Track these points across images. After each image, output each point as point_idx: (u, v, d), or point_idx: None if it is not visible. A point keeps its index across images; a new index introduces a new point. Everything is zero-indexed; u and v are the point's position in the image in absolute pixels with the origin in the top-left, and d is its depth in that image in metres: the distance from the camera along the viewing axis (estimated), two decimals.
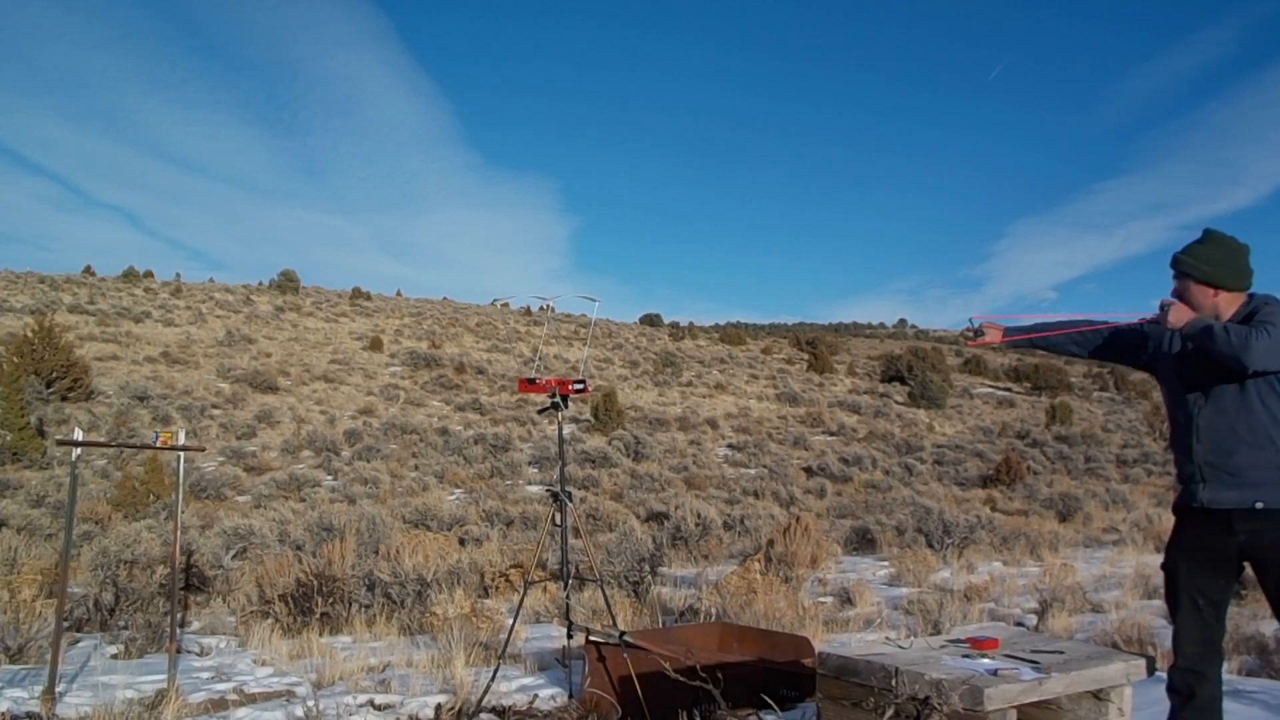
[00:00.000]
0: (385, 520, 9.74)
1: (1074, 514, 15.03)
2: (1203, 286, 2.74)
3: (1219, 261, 2.73)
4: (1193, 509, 2.79)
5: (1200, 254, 2.76)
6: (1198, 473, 2.75)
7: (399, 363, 36.45)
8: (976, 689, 2.60)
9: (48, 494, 15.25)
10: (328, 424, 24.61)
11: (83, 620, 6.68)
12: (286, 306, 49.48)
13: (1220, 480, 2.70)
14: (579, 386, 4.63)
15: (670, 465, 21.20)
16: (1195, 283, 2.75)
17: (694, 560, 10.50)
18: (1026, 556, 9.97)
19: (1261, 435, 2.65)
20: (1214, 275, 2.72)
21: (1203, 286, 2.74)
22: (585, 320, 57.26)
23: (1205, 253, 2.75)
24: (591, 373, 37.41)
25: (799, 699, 4.03)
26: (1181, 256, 2.79)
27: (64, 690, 4.55)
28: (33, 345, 22.95)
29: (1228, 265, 2.73)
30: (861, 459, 22.84)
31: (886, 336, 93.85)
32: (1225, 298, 2.73)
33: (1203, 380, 2.74)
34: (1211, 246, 2.76)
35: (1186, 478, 2.80)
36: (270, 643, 5.93)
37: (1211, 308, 2.74)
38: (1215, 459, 2.71)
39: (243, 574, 8.63)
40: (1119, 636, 5.43)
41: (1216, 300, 2.73)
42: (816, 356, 47.68)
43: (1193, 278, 2.75)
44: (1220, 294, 2.73)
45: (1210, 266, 2.73)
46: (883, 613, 6.86)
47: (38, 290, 44.43)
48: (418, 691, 4.59)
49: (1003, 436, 28.90)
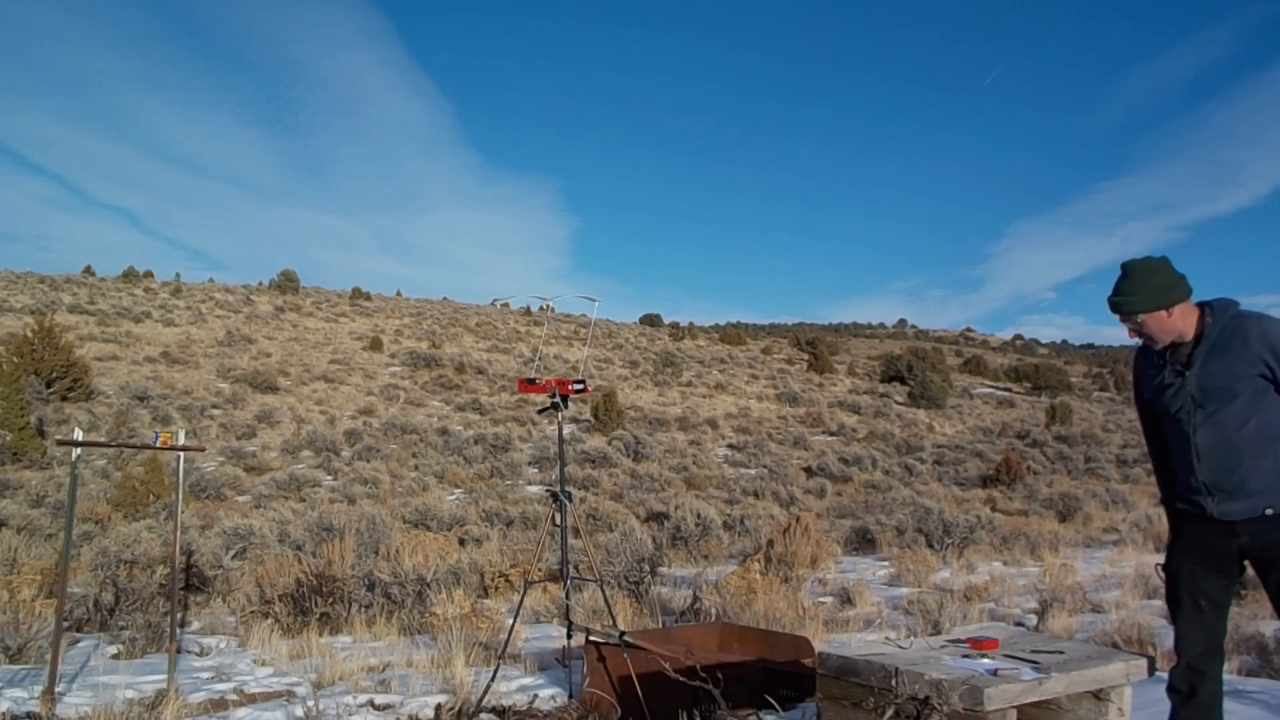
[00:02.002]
0: (385, 520, 9.73)
1: (1074, 514, 15.03)
2: (1156, 314, 2.77)
3: (1155, 285, 2.75)
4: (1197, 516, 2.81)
5: (1135, 287, 2.78)
6: (1204, 488, 2.77)
7: (399, 363, 36.45)
8: (976, 689, 2.60)
9: (48, 494, 15.25)
10: (328, 424, 24.61)
11: (83, 620, 6.68)
12: (286, 306, 49.47)
13: (1228, 494, 2.74)
14: (579, 387, 4.63)
15: (670, 465, 21.20)
16: (1148, 314, 2.79)
17: (694, 560, 10.50)
18: (1026, 556, 9.96)
19: (1262, 445, 2.69)
20: (1159, 299, 2.75)
21: (1156, 314, 2.77)
22: (585, 320, 57.26)
23: (1139, 284, 2.78)
24: (591, 373, 37.41)
25: (799, 699, 4.03)
26: (1121, 300, 2.82)
27: (64, 690, 4.55)
28: (33, 345, 22.96)
29: (1163, 284, 2.75)
30: (861, 459, 22.84)
31: (886, 336, 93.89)
32: (1178, 312, 2.77)
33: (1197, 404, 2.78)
34: (1141, 276, 2.78)
35: (1191, 491, 2.81)
36: (270, 643, 5.93)
37: (1171, 328, 2.77)
38: (1219, 477, 2.74)
39: (243, 574, 8.62)
40: (1119, 636, 5.43)
41: (1173, 319, 2.76)
42: (816, 356, 47.68)
43: (1142, 311, 2.79)
44: (1173, 312, 2.77)
45: (1151, 293, 2.76)
46: (883, 613, 6.86)
47: (38, 290, 44.43)
48: (418, 691, 4.59)
49: (1003, 436, 28.91)
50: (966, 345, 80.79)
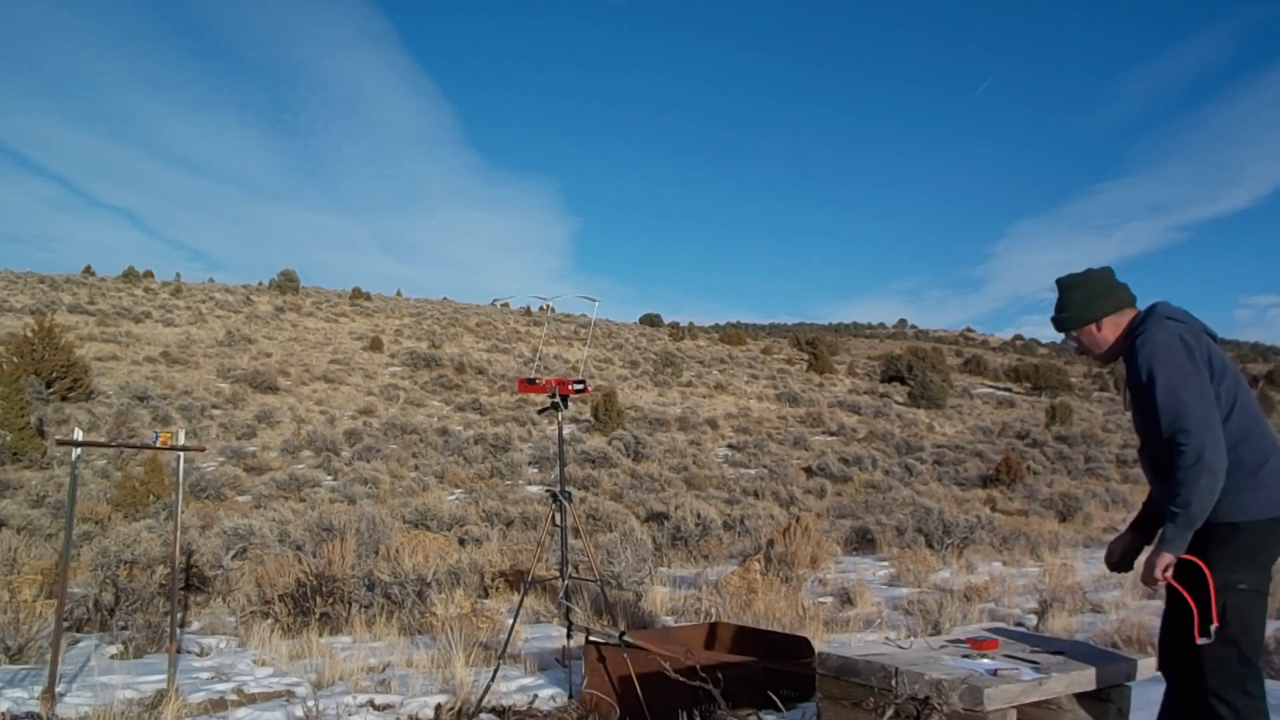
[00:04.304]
0: (385, 520, 9.73)
1: (1074, 514, 15.03)
2: (1085, 329, 2.84)
3: (1081, 300, 2.83)
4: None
5: (1064, 304, 2.87)
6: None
7: (399, 363, 36.45)
8: (976, 689, 2.60)
9: (48, 494, 15.24)
10: (328, 424, 24.60)
11: (83, 620, 6.67)
12: (286, 306, 49.47)
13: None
14: (579, 387, 4.63)
15: (670, 465, 21.19)
16: (1078, 329, 2.86)
17: (694, 560, 10.50)
18: (1026, 556, 9.96)
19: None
20: (1084, 313, 2.83)
21: (1085, 329, 2.84)
22: (585, 320, 57.25)
23: (1066, 300, 2.87)
24: (591, 373, 37.40)
25: (799, 699, 4.03)
26: (1055, 318, 2.92)
27: (64, 690, 4.55)
28: (33, 345, 22.95)
29: (1084, 298, 2.83)
30: (861, 459, 22.83)
31: (886, 336, 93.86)
32: (1107, 324, 2.82)
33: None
34: (1069, 293, 2.86)
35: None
36: (270, 643, 5.92)
37: (1103, 341, 2.83)
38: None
39: (243, 574, 8.61)
40: (1119, 636, 5.43)
41: (1101, 332, 2.82)
42: (816, 356, 47.67)
43: (1070, 327, 2.88)
44: (1102, 325, 2.82)
45: (1075, 309, 2.84)
46: (883, 613, 6.86)
47: (38, 290, 44.42)
48: (418, 691, 4.59)
49: (1003, 436, 28.89)
50: (966, 345, 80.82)
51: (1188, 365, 2.56)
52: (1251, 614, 2.55)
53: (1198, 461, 2.47)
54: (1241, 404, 2.61)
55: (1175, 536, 2.54)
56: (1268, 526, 2.56)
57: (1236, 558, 2.55)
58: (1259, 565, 2.57)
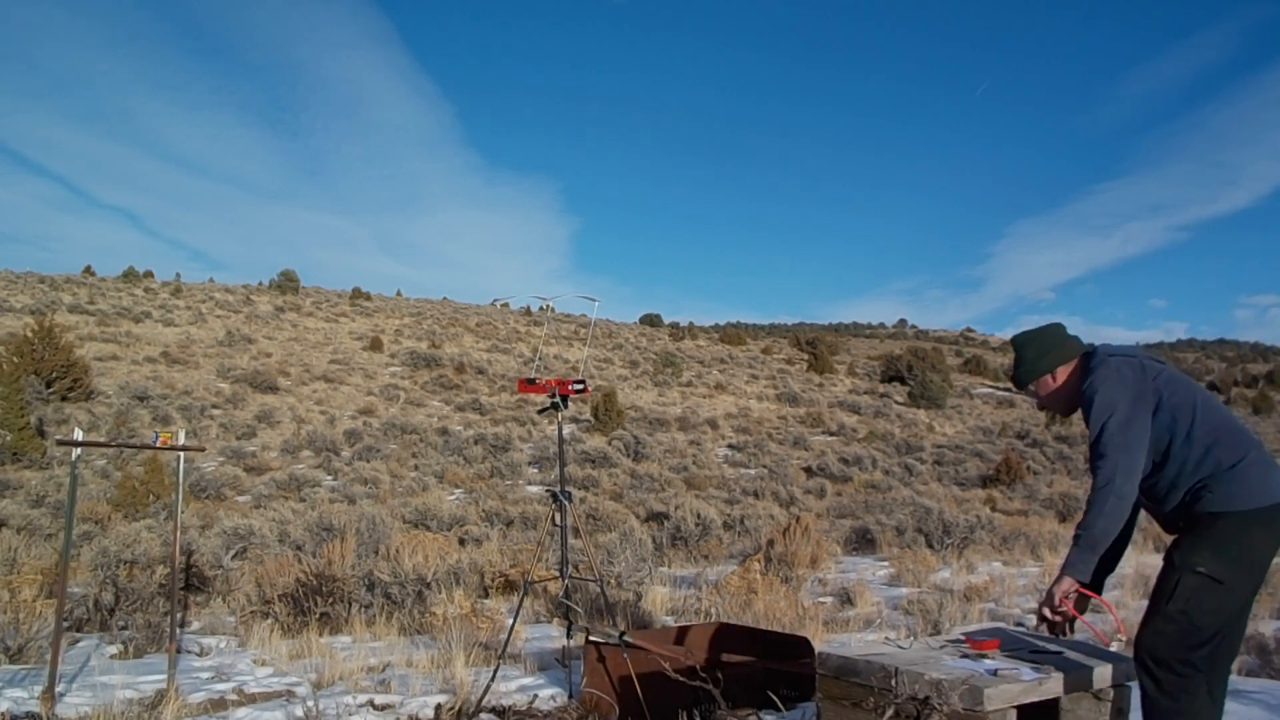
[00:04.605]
0: (385, 520, 9.73)
1: (1074, 514, 15.01)
2: (1042, 381, 2.99)
3: (1033, 357, 2.99)
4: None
5: (1019, 359, 3.04)
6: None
7: (399, 363, 36.45)
8: (976, 689, 2.60)
9: (48, 494, 15.24)
10: (328, 424, 24.60)
11: (83, 620, 6.68)
12: (286, 306, 49.47)
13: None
14: (579, 387, 4.63)
15: (670, 465, 21.19)
16: (1035, 382, 3.01)
17: (694, 560, 10.50)
18: (1026, 556, 9.96)
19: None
20: (1036, 368, 2.98)
21: (1042, 381, 2.99)
22: (585, 320, 57.25)
23: (1021, 356, 3.03)
24: (591, 373, 37.40)
25: (799, 699, 4.03)
26: (1013, 376, 3.11)
27: (64, 690, 4.55)
28: (33, 345, 22.95)
29: (1039, 355, 2.97)
30: (861, 459, 22.83)
31: (886, 336, 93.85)
32: (1060, 374, 2.96)
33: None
34: (1023, 349, 3.03)
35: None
36: (270, 643, 5.92)
37: (1058, 389, 2.98)
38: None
39: (243, 574, 8.61)
40: (1119, 636, 5.42)
41: (1055, 384, 2.97)
42: (816, 356, 47.67)
43: (1030, 380, 3.01)
44: (1057, 375, 2.96)
45: (1028, 365, 3.00)
46: (883, 613, 6.85)
47: (38, 290, 44.42)
48: (418, 691, 4.59)
49: (1003, 436, 28.90)
50: (966, 345, 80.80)
51: (1119, 395, 2.71)
52: (1203, 598, 2.57)
53: (1107, 485, 2.63)
54: (1202, 412, 2.71)
55: (1077, 560, 2.68)
56: (1249, 517, 2.61)
57: (1208, 544, 2.61)
58: (1230, 557, 2.60)
